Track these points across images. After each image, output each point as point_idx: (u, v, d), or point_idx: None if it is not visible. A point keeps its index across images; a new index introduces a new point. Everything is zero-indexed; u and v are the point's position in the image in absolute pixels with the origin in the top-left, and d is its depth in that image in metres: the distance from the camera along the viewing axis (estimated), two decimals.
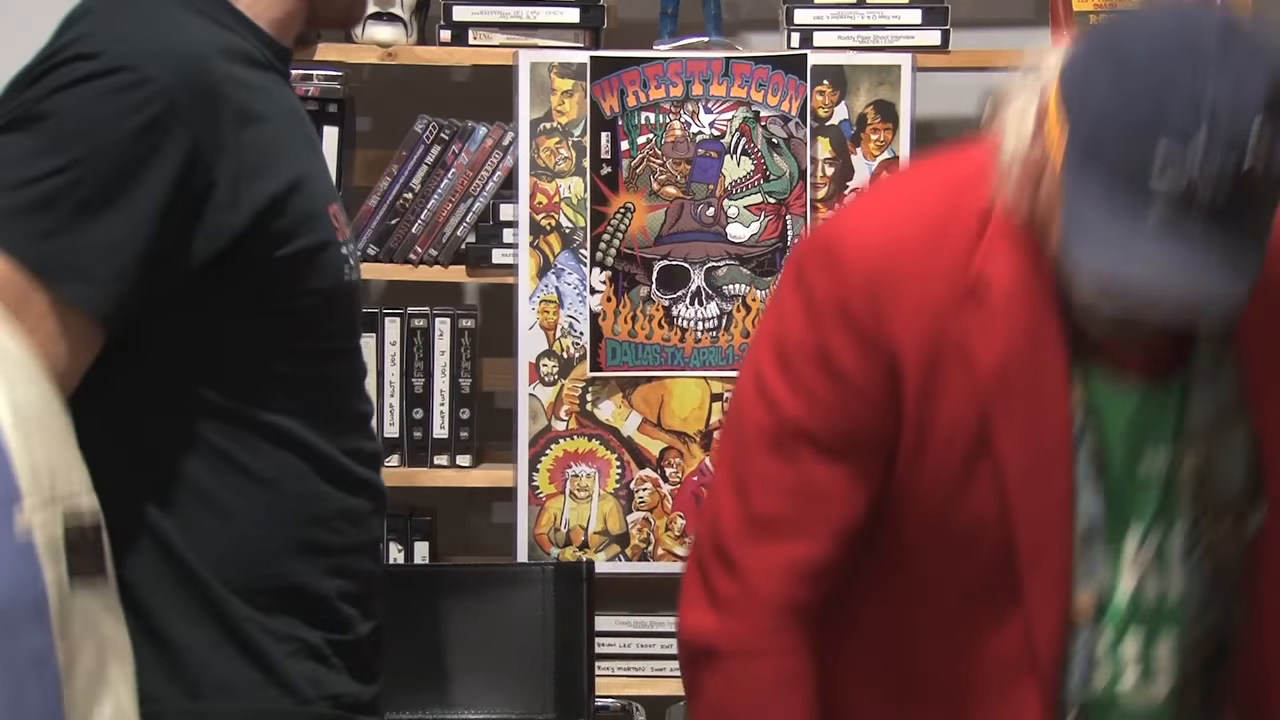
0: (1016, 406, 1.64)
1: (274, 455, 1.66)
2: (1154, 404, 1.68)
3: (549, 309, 3.02)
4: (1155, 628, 1.69)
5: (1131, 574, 1.69)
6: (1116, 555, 1.68)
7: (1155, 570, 1.69)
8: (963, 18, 3.14)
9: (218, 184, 1.57)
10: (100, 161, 1.52)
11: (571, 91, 3.00)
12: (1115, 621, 1.69)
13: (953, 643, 1.69)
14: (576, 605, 2.86)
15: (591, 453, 3.04)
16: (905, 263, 1.64)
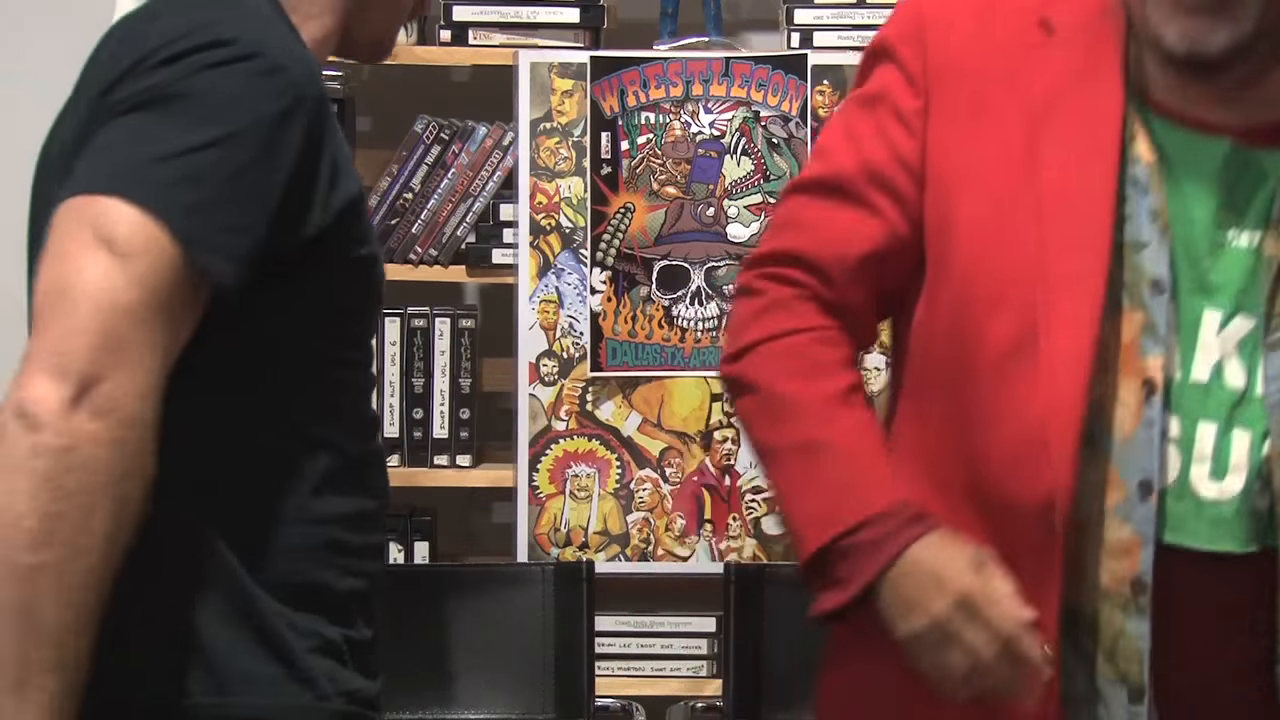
0: (1065, 133, 1.65)
1: (310, 454, 1.67)
2: (1246, 170, 1.63)
3: (549, 309, 3.02)
4: (1231, 420, 1.62)
5: (1207, 356, 1.63)
6: (1193, 331, 1.63)
7: (1237, 357, 1.63)
8: None
9: (318, 181, 1.60)
10: (245, 141, 1.53)
11: (571, 91, 3.00)
12: (1186, 404, 1.62)
13: (990, 425, 1.66)
14: (576, 605, 2.86)
15: (591, 453, 3.04)
16: (959, 5, 1.72)
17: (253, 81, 1.55)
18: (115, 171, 1.50)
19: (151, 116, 1.53)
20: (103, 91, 1.58)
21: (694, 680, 3.07)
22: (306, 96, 1.58)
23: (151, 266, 1.47)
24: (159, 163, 1.50)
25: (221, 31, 1.56)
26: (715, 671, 3.05)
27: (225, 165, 1.52)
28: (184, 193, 1.50)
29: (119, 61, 1.59)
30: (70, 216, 1.49)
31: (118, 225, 1.47)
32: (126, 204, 1.48)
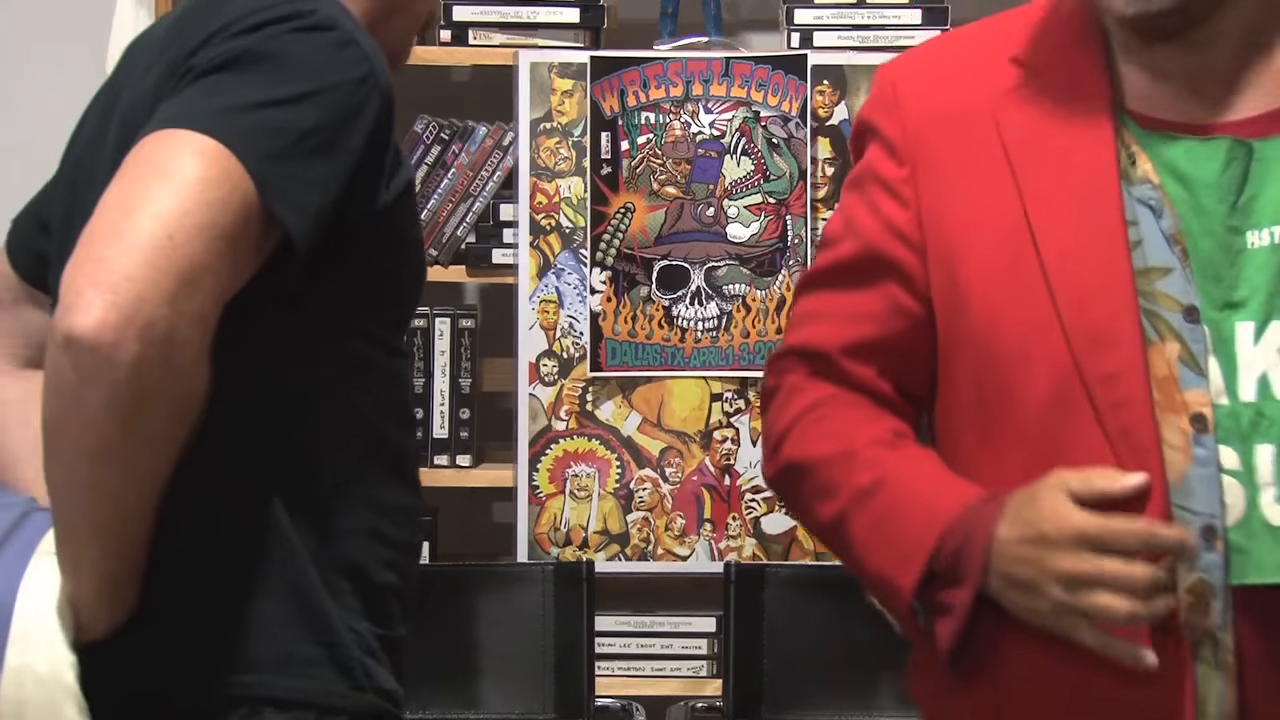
0: (1057, 171, 1.59)
1: (361, 437, 1.67)
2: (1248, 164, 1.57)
3: (549, 309, 3.02)
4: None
5: (1249, 372, 1.53)
6: (1229, 349, 1.54)
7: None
8: (963, 18, 3.13)
9: (386, 156, 1.61)
10: (324, 102, 1.53)
11: (571, 91, 3.00)
12: (1238, 430, 1.53)
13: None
14: (576, 605, 2.86)
15: (591, 453, 3.04)
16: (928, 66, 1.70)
17: (333, 49, 1.56)
18: (196, 113, 1.49)
19: (233, 75, 1.53)
20: (179, 60, 1.58)
21: (694, 680, 3.07)
22: (379, 73, 1.59)
23: (224, 196, 1.46)
24: (241, 111, 1.50)
25: (301, 5, 1.57)
26: (715, 671, 3.05)
27: (304, 122, 1.52)
28: (264, 140, 1.49)
29: (194, 33, 1.58)
30: (145, 146, 1.48)
31: (196, 153, 1.46)
32: (207, 136, 1.47)
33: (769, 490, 3.04)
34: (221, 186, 1.46)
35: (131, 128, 1.57)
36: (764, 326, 3.01)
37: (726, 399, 3.03)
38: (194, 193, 1.44)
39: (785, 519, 3.04)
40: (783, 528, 3.04)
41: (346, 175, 1.56)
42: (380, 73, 1.60)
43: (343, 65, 1.56)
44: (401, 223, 1.66)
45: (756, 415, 3.03)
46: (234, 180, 1.47)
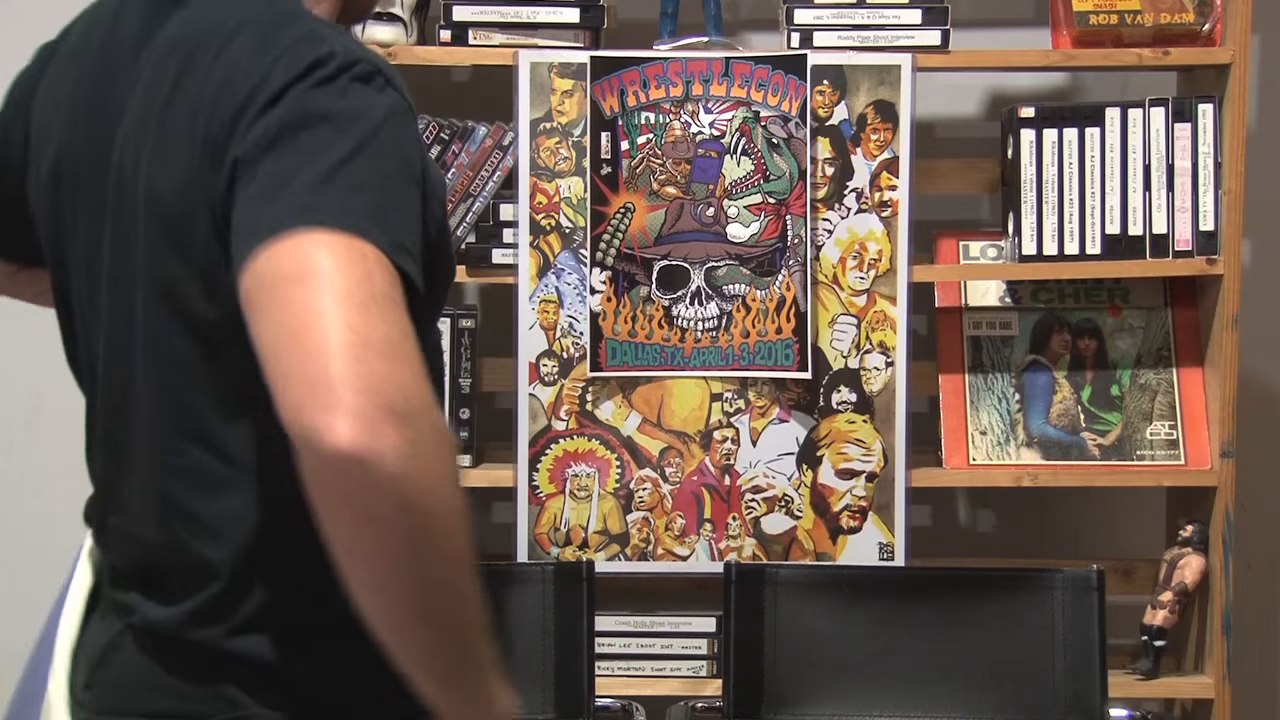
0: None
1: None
2: None
3: (549, 309, 3.02)
4: None
5: None
6: None
7: None
8: (963, 18, 3.14)
9: (429, 167, 1.60)
10: (380, 142, 1.51)
11: (571, 91, 3.00)
12: None
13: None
14: (576, 605, 2.86)
15: (591, 452, 3.04)
16: None
17: (372, 93, 1.53)
18: (287, 209, 1.44)
19: (287, 154, 1.48)
20: (209, 139, 1.54)
21: (694, 680, 3.07)
22: (393, 86, 1.57)
23: (366, 270, 1.42)
24: (323, 185, 1.45)
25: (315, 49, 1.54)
26: (715, 671, 3.05)
27: (374, 172, 1.49)
28: (359, 202, 1.46)
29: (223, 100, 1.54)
30: (269, 270, 1.42)
31: (318, 254, 1.41)
32: (317, 232, 1.42)
33: (769, 490, 3.04)
34: (358, 264, 1.41)
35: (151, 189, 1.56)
36: (764, 326, 3.01)
37: (726, 399, 3.03)
38: (341, 282, 1.39)
39: (785, 519, 3.04)
40: (783, 528, 3.04)
41: (422, 200, 1.54)
42: (402, 87, 1.58)
43: (386, 105, 1.53)
44: (444, 229, 1.66)
45: (757, 415, 3.03)
46: (363, 253, 1.43)
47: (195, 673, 1.60)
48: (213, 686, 1.60)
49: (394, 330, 1.39)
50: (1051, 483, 3.10)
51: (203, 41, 1.58)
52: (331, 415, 1.34)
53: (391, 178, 1.50)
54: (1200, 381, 3.12)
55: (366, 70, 1.54)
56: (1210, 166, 3.04)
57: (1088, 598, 2.83)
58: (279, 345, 1.38)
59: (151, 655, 1.62)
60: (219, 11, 1.61)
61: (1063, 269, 3.07)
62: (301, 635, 1.61)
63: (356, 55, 1.55)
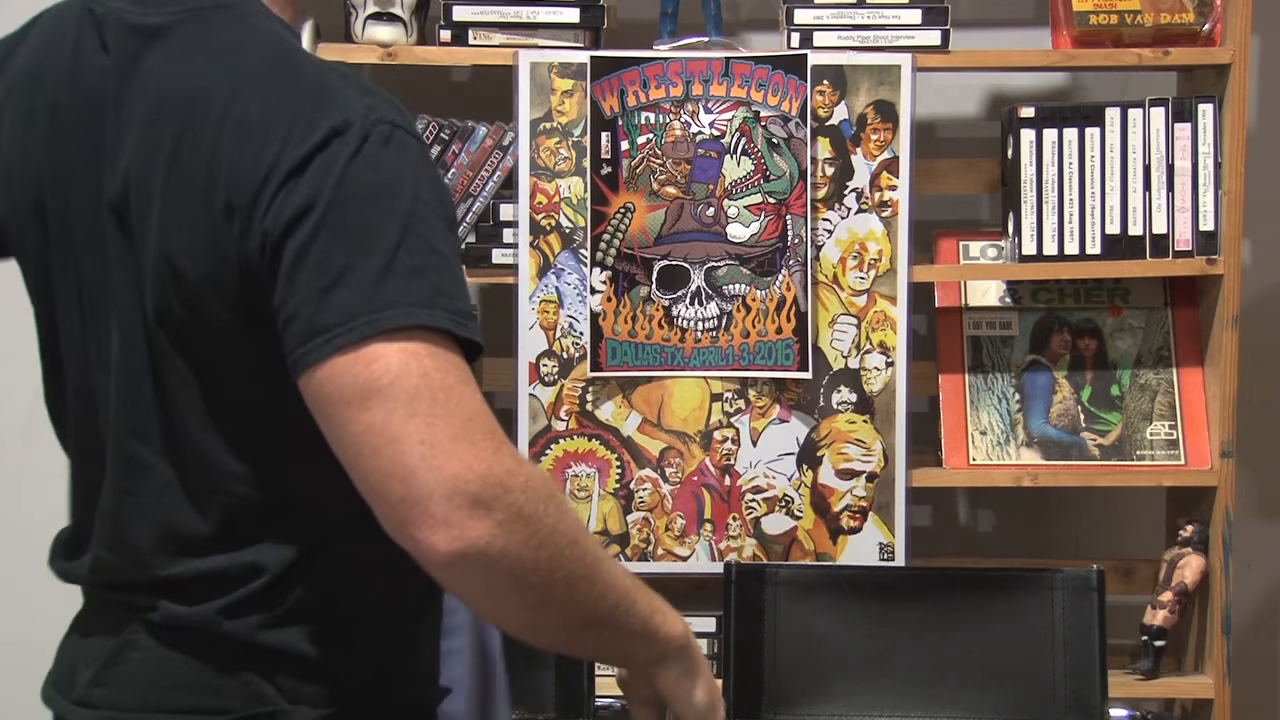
0: None
1: None
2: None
3: (549, 309, 3.02)
4: None
5: None
6: None
7: None
8: (963, 18, 3.14)
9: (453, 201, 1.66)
10: (417, 215, 1.53)
11: (571, 91, 3.00)
12: None
13: None
14: None
15: (591, 453, 3.04)
16: None
17: (383, 149, 1.54)
18: (343, 313, 1.48)
19: (334, 240, 1.50)
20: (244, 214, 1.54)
21: None
22: (408, 133, 1.57)
23: (425, 372, 1.48)
24: (382, 278, 1.49)
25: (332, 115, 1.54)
26: (715, 671, 3.04)
27: (423, 249, 1.52)
28: (418, 290, 1.50)
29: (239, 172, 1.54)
30: (329, 387, 1.49)
31: (376, 369, 1.47)
32: (374, 343, 1.48)
33: (769, 490, 3.04)
34: (413, 367, 1.48)
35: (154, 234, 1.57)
36: (764, 326, 3.01)
37: (726, 399, 3.03)
38: (401, 393, 1.47)
39: (785, 519, 3.04)
40: (783, 528, 3.04)
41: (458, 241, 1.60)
42: (410, 124, 1.59)
43: (402, 166, 1.54)
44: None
45: (757, 415, 3.03)
46: (418, 351, 1.49)
47: (223, 667, 1.61)
48: (240, 680, 1.61)
49: (457, 421, 1.47)
50: (1051, 483, 3.10)
51: (201, 99, 1.57)
52: (424, 530, 1.45)
53: (439, 247, 1.53)
54: (1200, 381, 3.12)
55: (386, 132, 1.54)
56: (1210, 166, 3.04)
57: (1088, 598, 2.83)
58: (359, 469, 1.48)
59: (176, 649, 1.62)
60: (206, 55, 1.59)
61: (1063, 269, 3.07)
62: (337, 626, 1.63)
63: (372, 117, 1.54)
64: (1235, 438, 3.05)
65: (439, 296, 1.50)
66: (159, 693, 1.62)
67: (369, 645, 1.64)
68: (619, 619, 1.59)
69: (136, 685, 1.64)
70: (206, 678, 1.61)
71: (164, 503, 1.62)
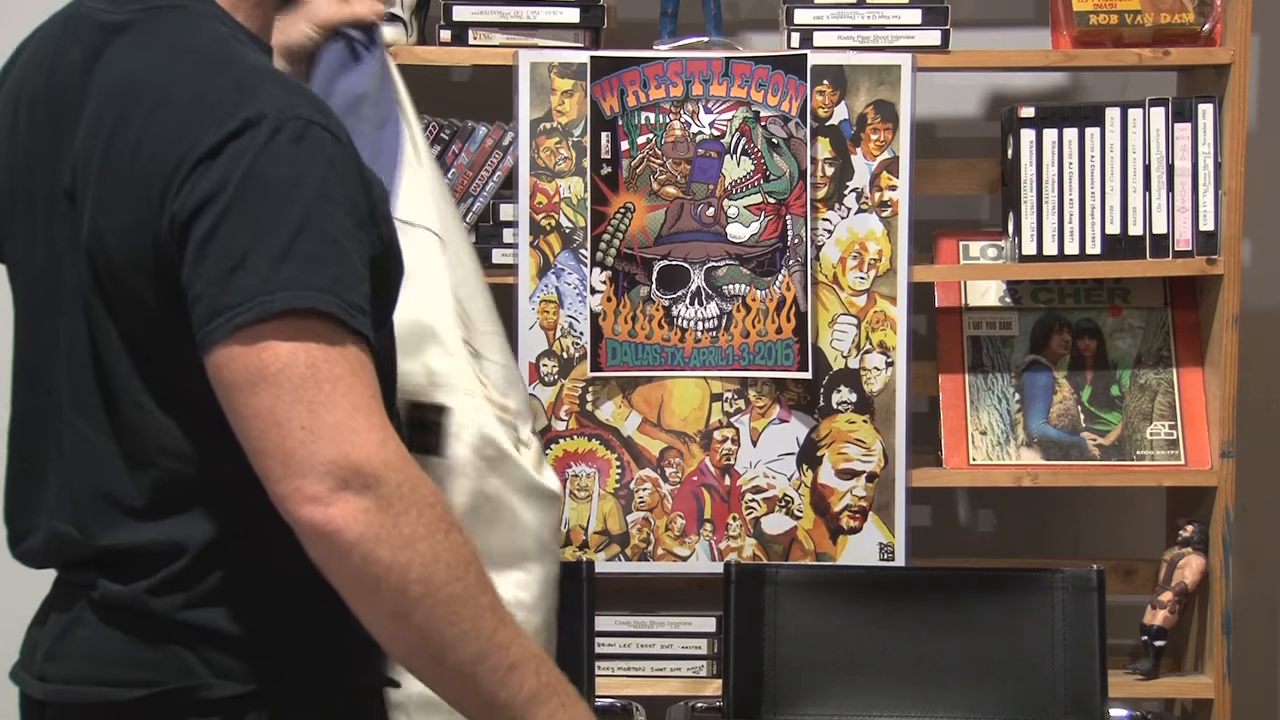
0: None
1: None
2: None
3: (549, 309, 3.02)
4: None
5: None
6: None
7: None
8: (963, 18, 3.14)
9: (374, 201, 1.66)
10: (323, 203, 1.58)
11: (571, 91, 3.00)
12: None
13: None
14: (577, 605, 2.85)
15: (591, 453, 3.04)
16: None
17: (295, 150, 1.58)
18: (241, 297, 1.55)
19: (239, 227, 1.56)
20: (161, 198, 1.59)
21: (694, 680, 3.07)
22: (338, 136, 1.62)
23: (313, 362, 1.54)
24: (278, 263, 1.55)
25: (247, 108, 1.59)
26: (715, 671, 3.05)
27: (324, 240, 1.57)
28: (315, 277, 1.56)
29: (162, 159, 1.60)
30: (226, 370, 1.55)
31: (267, 356, 1.54)
32: (268, 326, 1.54)
33: (769, 490, 3.04)
34: (302, 357, 1.54)
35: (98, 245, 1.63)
36: (764, 326, 3.01)
37: (726, 399, 3.03)
38: (288, 381, 1.54)
39: (785, 519, 3.04)
40: (783, 528, 3.04)
41: (367, 247, 1.62)
42: (336, 127, 1.63)
43: (315, 160, 1.59)
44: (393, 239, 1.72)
45: (757, 415, 3.03)
46: (310, 344, 1.55)
47: (153, 642, 1.67)
48: (170, 655, 1.66)
49: (341, 410, 1.53)
50: (1051, 483, 3.10)
51: (139, 87, 1.65)
52: (295, 504, 1.53)
53: (341, 240, 1.58)
54: (1200, 381, 3.12)
55: (300, 128, 1.59)
56: (1210, 166, 3.04)
57: (1088, 598, 2.83)
58: (250, 450, 1.55)
59: (113, 626, 1.69)
60: (152, 50, 1.67)
61: (1063, 269, 3.07)
62: (262, 607, 1.67)
63: (287, 112, 1.59)
64: (1235, 438, 3.04)
65: (335, 285, 1.56)
66: (98, 666, 1.69)
67: (295, 626, 1.68)
68: (484, 685, 1.61)
69: (80, 660, 1.71)
70: (139, 652, 1.67)
71: (104, 474, 1.68)
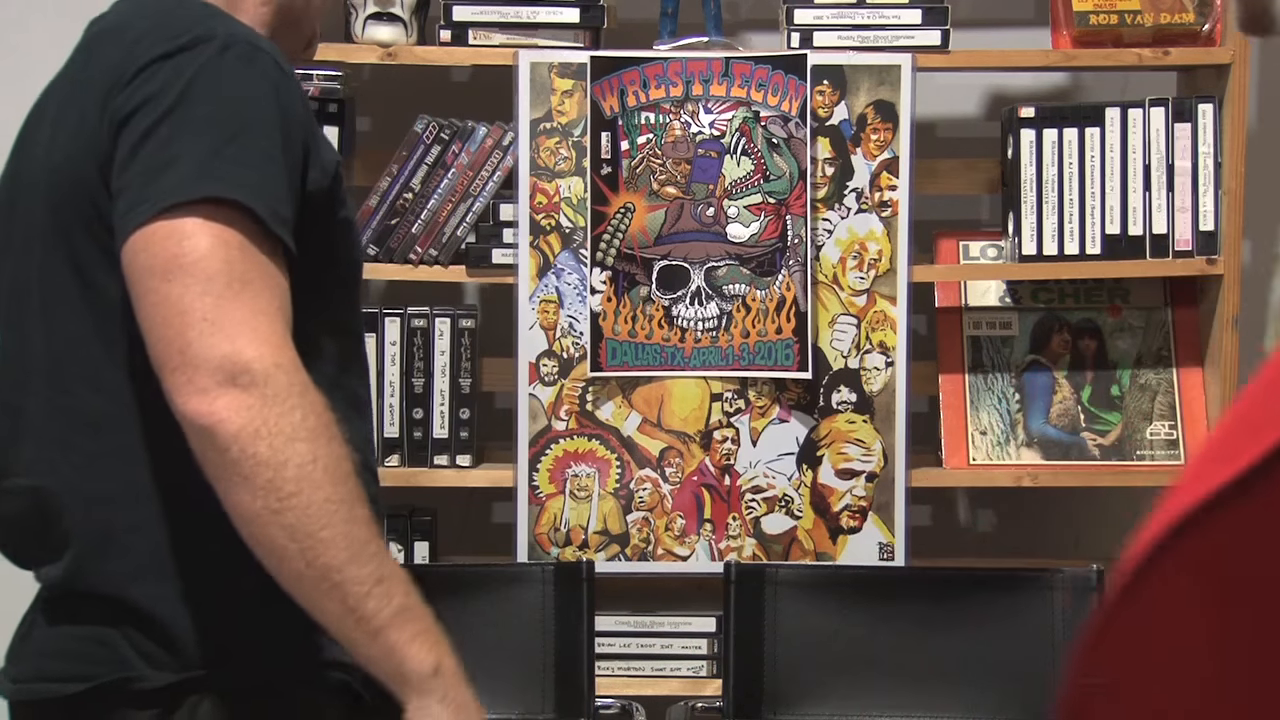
0: None
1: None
2: None
3: (549, 309, 3.02)
4: None
5: None
6: None
7: None
8: (963, 18, 3.14)
9: (312, 143, 1.70)
10: (263, 118, 1.64)
11: (571, 91, 3.00)
12: None
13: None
14: (576, 605, 2.86)
15: (591, 453, 3.04)
16: None
17: (244, 65, 1.65)
18: (170, 188, 1.59)
19: (171, 127, 1.61)
20: (100, 96, 1.66)
21: (694, 680, 3.07)
22: (285, 71, 1.68)
23: (229, 259, 1.58)
24: (209, 161, 1.59)
25: (200, 29, 1.66)
26: (715, 671, 3.05)
27: (256, 150, 1.62)
28: (243, 177, 1.60)
29: (107, 64, 1.68)
30: (140, 256, 1.59)
31: (185, 244, 1.58)
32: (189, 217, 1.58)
33: (769, 490, 3.04)
34: (220, 252, 1.58)
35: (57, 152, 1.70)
36: (764, 326, 3.01)
37: (726, 399, 3.03)
38: (201, 272, 1.57)
39: (785, 519, 3.04)
40: (783, 528, 3.04)
41: (300, 175, 1.67)
42: (285, 67, 1.69)
43: (258, 78, 1.65)
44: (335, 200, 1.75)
45: (757, 415, 3.03)
46: (228, 238, 1.58)
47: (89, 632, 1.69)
48: (106, 647, 1.68)
49: (245, 309, 1.56)
50: (1051, 483, 3.10)
51: (109, 31, 1.73)
52: (185, 395, 1.55)
53: (275, 154, 1.63)
54: (1200, 381, 3.12)
55: (248, 50, 1.66)
56: (1210, 166, 3.04)
57: (1088, 598, 2.83)
58: (151, 339, 1.58)
59: (54, 619, 1.72)
60: (131, 8, 1.75)
61: (1063, 269, 3.07)
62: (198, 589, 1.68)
63: (240, 37, 1.66)
64: None
65: (263, 189, 1.60)
66: (42, 661, 1.73)
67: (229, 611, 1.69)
68: (351, 592, 1.59)
69: (31, 656, 1.75)
70: (77, 645, 1.70)
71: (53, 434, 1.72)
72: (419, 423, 3.05)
